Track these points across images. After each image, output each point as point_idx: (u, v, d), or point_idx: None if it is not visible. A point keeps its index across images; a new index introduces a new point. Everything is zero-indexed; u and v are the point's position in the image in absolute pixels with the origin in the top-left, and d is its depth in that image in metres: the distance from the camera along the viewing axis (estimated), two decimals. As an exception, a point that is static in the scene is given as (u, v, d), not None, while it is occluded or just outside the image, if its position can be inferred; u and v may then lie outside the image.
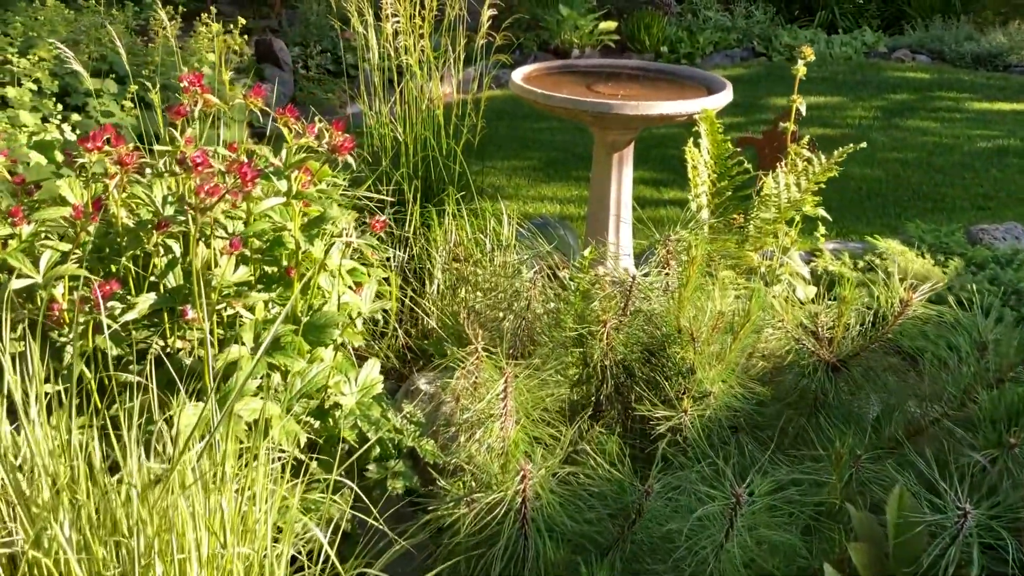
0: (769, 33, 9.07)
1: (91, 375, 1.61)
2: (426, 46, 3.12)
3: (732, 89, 3.29)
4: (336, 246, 1.77)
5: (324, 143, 1.72)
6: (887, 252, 3.36)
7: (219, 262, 1.64)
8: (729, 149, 2.78)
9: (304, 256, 1.74)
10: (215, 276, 1.60)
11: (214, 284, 1.58)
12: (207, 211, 1.51)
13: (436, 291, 2.93)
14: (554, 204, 4.88)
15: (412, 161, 3.14)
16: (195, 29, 5.71)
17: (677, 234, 2.13)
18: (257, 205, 1.64)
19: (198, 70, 5.51)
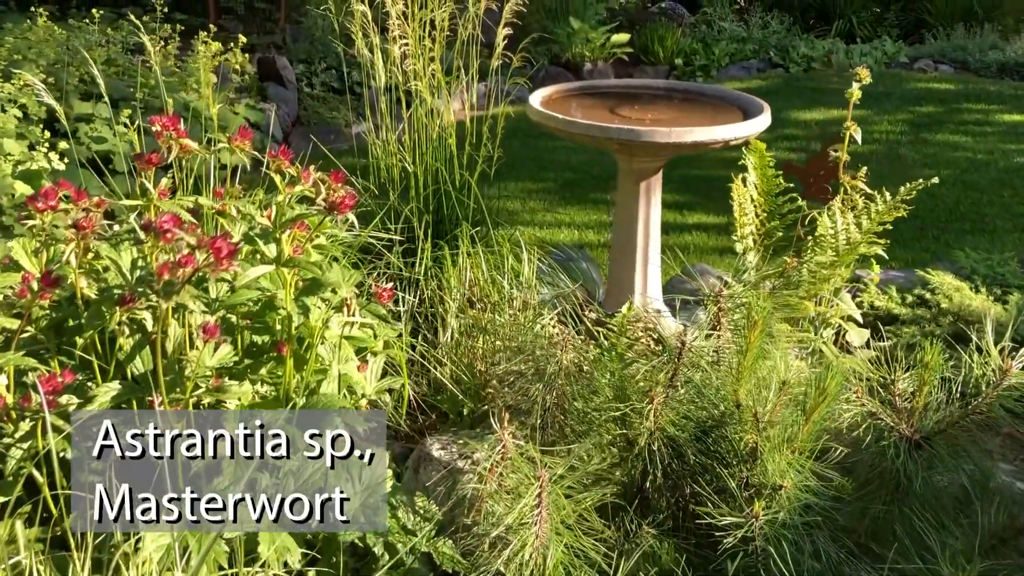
0: (786, 43, 8.80)
1: (43, 479, 1.35)
2: (437, 69, 2.86)
3: (769, 110, 3.02)
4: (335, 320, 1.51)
5: (321, 199, 1.46)
6: (940, 287, 3.08)
7: (195, 342, 1.38)
8: (780, 185, 2.50)
9: (299, 328, 1.48)
10: (190, 362, 1.34)
11: (188, 373, 1.32)
12: (174, 295, 1.24)
13: (450, 339, 2.66)
14: (572, 230, 4.61)
15: (423, 194, 2.87)
16: (193, 48, 5.47)
17: (730, 289, 1.86)
18: (240, 277, 1.38)
19: (196, 90, 5.26)
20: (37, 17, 5.35)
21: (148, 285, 1.26)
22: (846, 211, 2.34)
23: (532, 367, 1.95)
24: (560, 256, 3.29)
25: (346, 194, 1.46)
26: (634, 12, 9.62)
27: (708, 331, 1.85)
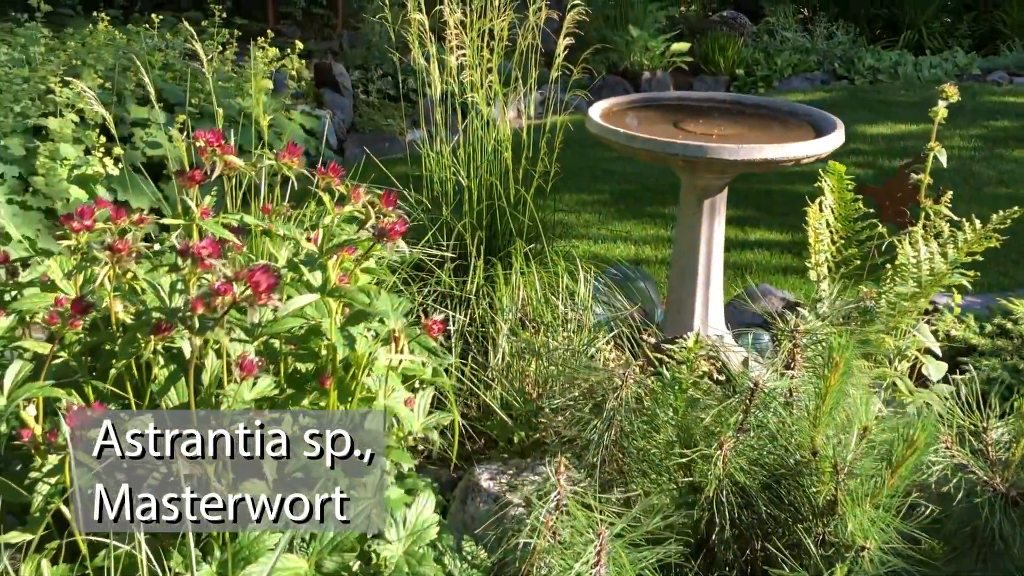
0: (851, 55, 8.55)
1: (71, 515, 1.28)
2: (494, 80, 2.76)
3: (843, 127, 2.86)
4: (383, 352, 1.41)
5: (371, 225, 1.37)
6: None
7: (234, 372, 1.29)
8: (859, 210, 2.35)
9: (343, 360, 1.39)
10: (226, 396, 1.26)
11: (224, 408, 1.23)
12: (207, 330, 1.16)
13: (500, 361, 2.55)
14: (627, 244, 4.47)
15: (476, 209, 2.77)
16: (249, 53, 5.46)
17: (806, 323, 1.72)
18: (283, 307, 1.29)
19: (252, 96, 5.24)
20: (99, 21, 5.39)
21: (181, 319, 1.18)
22: (929, 238, 2.18)
23: (588, 400, 1.83)
24: (616, 274, 3.16)
25: (397, 220, 1.37)
26: (695, 20, 9.45)
27: (781, 369, 1.72)
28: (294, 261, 1.37)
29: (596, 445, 1.76)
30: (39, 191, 3.69)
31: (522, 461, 2.30)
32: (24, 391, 1.21)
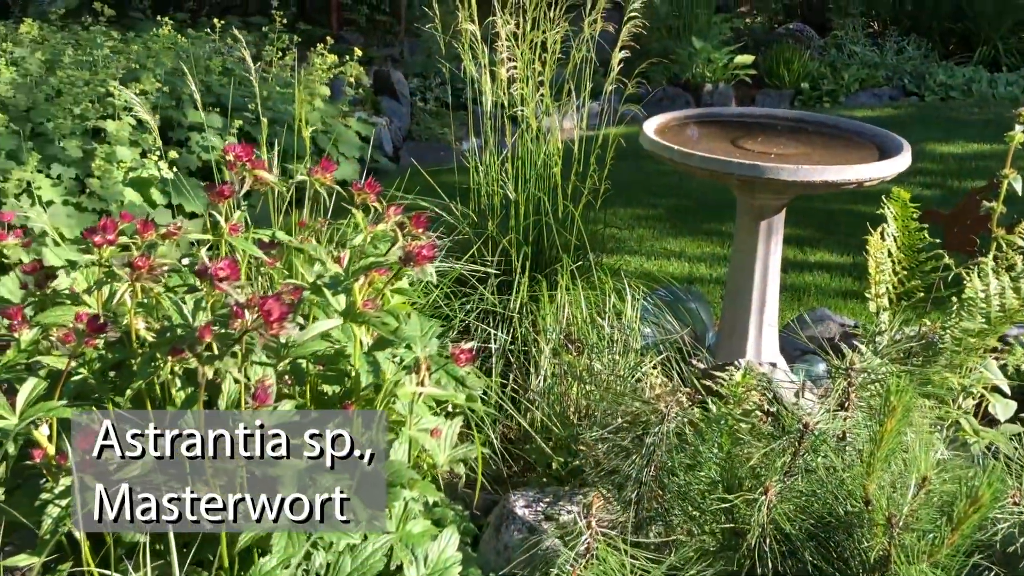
0: (922, 70, 8.29)
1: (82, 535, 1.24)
2: (545, 93, 2.69)
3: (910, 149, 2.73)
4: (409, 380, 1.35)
5: (398, 247, 1.31)
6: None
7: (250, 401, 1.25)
8: (924, 239, 2.23)
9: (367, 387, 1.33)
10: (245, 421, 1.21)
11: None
12: (216, 360, 1.11)
13: (542, 383, 2.48)
14: (681, 262, 4.36)
15: (523, 224, 2.70)
16: (309, 60, 5.49)
17: (862, 360, 1.61)
18: (306, 330, 1.23)
19: (309, 102, 5.26)
20: (163, 25, 5.46)
21: (189, 346, 1.13)
22: (1001, 271, 2.05)
23: (628, 432, 1.75)
24: (666, 294, 3.06)
25: (425, 244, 1.30)
26: (760, 33, 9.27)
27: (834, 409, 1.61)
28: (318, 284, 1.32)
29: (634, 481, 1.67)
30: (94, 193, 3.73)
31: (560, 489, 2.22)
32: (36, 410, 1.18)
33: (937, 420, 1.95)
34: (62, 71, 4.09)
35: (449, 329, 2.59)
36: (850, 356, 1.60)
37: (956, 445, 2.38)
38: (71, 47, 4.64)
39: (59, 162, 3.71)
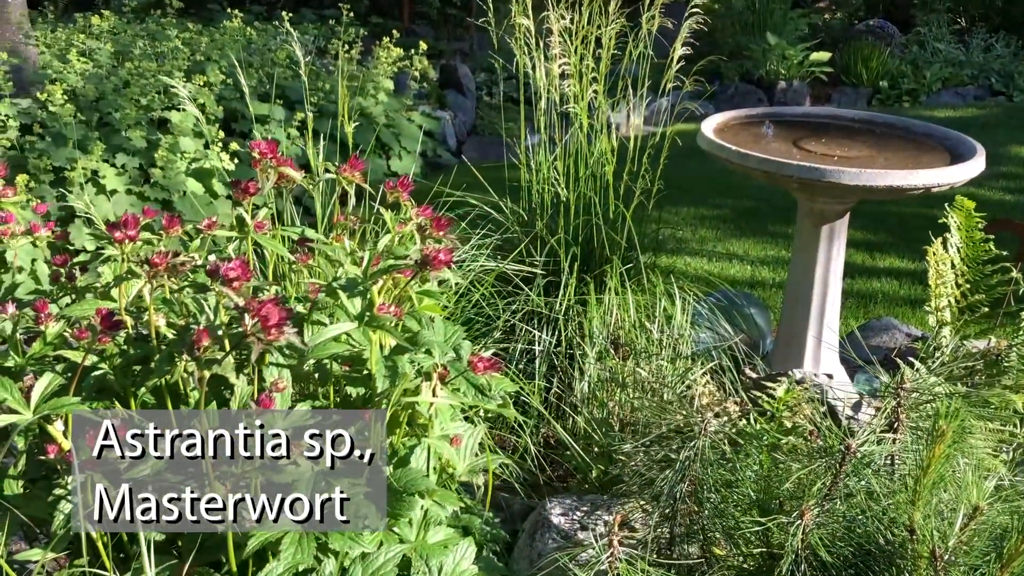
0: (1011, 69, 7.94)
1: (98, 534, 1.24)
2: (599, 90, 2.62)
3: (983, 153, 2.59)
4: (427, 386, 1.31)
5: (415, 251, 1.27)
6: None
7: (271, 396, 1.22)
8: (990, 252, 2.10)
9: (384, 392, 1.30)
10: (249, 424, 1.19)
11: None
12: (215, 365, 1.08)
13: (586, 387, 2.42)
14: (744, 265, 4.24)
15: (573, 224, 2.65)
16: (374, 54, 5.50)
17: (915, 380, 1.51)
18: (316, 335, 1.20)
19: (374, 96, 5.28)
20: (233, 18, 5.54)
21: (188, 350, 1.11)
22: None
23: (665, 444, 1.68)
24: (720, 299, 2.97)
25: (442, 248, 1.26)
26: (838, 29, 9.00)
27: (883, 428, 1.52)
28: (332, 286, 1.29)
29: (667, 497, 1.61)
30: (157, 183, 3.79)
31: (598, 497, 2.16)
32: (50, 406, 1.17)
33: (1000, 443, 1.84)
34: (132, 63, 4.17)
35: (494, 329, 2.55)
36: (901, 373, 1.50)
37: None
38: (142, 39, 4.74)
39: (124, 152, 3.79)
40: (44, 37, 5.32)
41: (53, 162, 3.57)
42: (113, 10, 8.61)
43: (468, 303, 2.51)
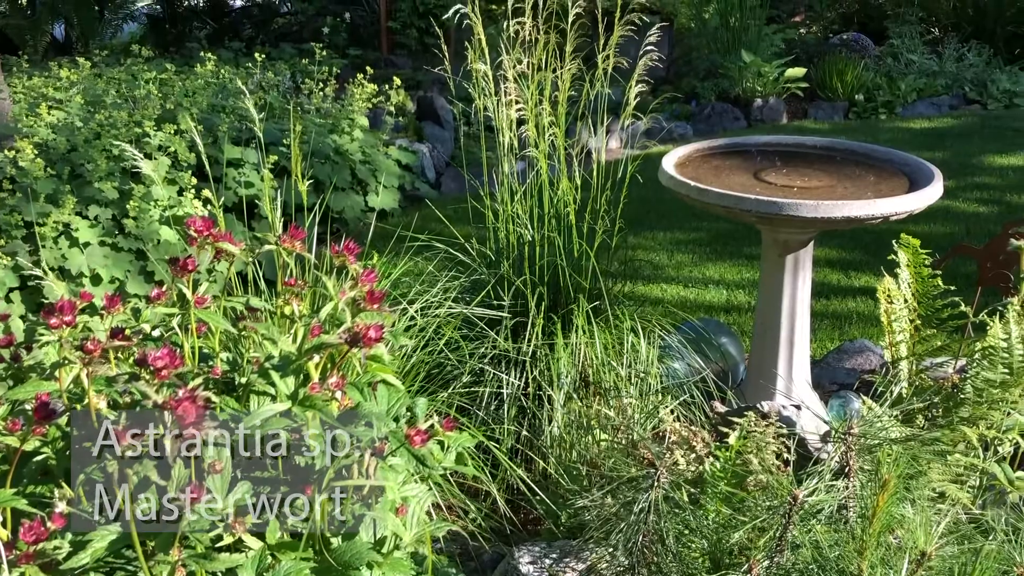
0: (984, 77, 8.00)
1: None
2: (557, 134, 2.64)
3: (942, 181, 2.61)
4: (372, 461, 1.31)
5: (344, 330, 1.27)
6: None
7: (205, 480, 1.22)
8: (938, 287, 2.12)
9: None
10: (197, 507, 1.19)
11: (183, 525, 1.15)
12: (136, 463, 1.08)
13: (555, 430, 2.42)
14: (720, 289, 4.26)
15: (538, 265, 2.66)
16: (347, 91, 5.53)
17: (868, 421, 1.52)
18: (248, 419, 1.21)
19: (348, 133, 5.30)
20: (207, 61, 5.57)
21: (110, 448, 1.12)
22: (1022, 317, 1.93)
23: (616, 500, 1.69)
24: (688, 332, 2.97)
25: (373, 324, 1.27)
26: (813, 44, 9.06)
27: (835, 473, 1.53)
28: (264, 368, 1.30)
29: (625, 546, 1.61)
30: (131, 233, 3.80)
31: (568, 543, 2.16)
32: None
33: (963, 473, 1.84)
34: (102, 112, 4.19)
35: (463, 373, 2.56)
36: (849, 419, 1.51)
37: (992, 495, 2.26)
38: (115, 87, 4.76)
39: (96, 203, 3.79)
40: (19, 86, 5.34)
41: (25, 217, 3.58)
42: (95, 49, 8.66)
43: (436, 347, 2.51)
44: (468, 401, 2.49)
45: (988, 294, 2.39)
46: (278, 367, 1.29)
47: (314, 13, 10.81)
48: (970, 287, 2.73)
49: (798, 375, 2.88)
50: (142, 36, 11.43)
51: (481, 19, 2.67)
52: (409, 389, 2.40)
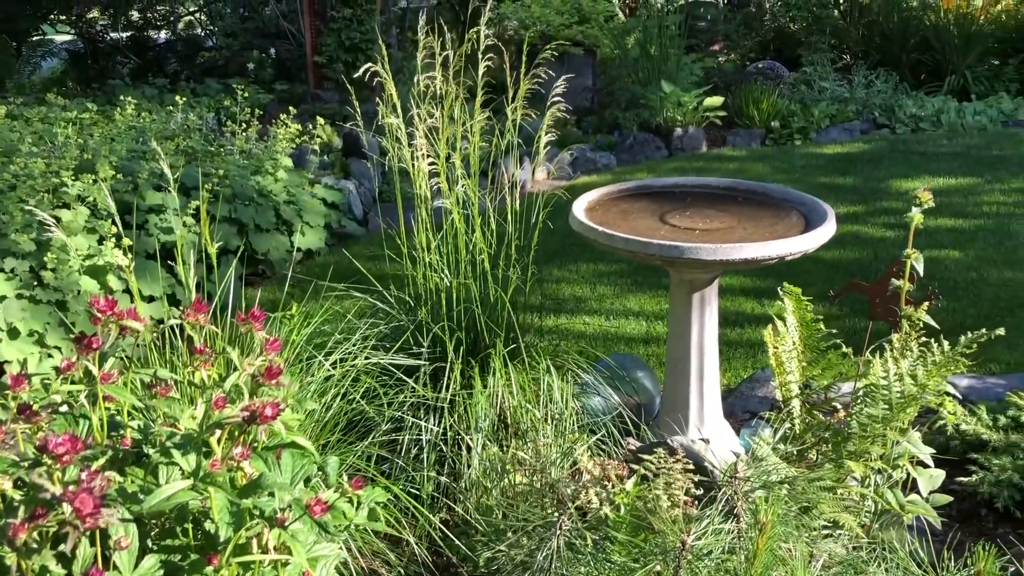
0: (892, 103, 8.36)
1: None
2: (469, 185, 2.73)
3: (834, 219, 2.76)
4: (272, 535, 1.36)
5: (241, 409, 1.33)
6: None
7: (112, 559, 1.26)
8: (821, 331, 2.25)
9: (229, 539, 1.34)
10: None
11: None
12: (34, 554, 1.12)
13: (474, 474, 2.49)
14: (640, 321, 4.38)
15: (456, 310, 2.73)
16: (270, 133, 5.56)
17: (753, 464, 1.63)
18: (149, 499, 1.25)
19: (272, 174, 5.32)
20: (127, 106, 5.54)
21: (8, 541, 1.15)
22: (903, 354, 2.06)
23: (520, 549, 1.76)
24: (603, 369, 3.08)
25: (269, 402, 1.33)
26: (731, 73, 9.36)
27: (723, 515, 1.62)
28: (167, 447, 1.34)
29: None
30: (49, 285, 3.77)
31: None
32: None
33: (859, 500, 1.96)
34: (17, 162, 4.15)
35: (383, 421, 2.61)
36: (734, 464, 1.61)
37: (889, 518, 2.39)
38: (30, 135, 4.71)
39: (13, 256, 3.76)
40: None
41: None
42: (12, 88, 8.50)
43: (355, 397, 2.56)
44: (388, 451, 2.54)
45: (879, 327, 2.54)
46: (179, 445, 1.34)
47: (240, 48, 10.77)
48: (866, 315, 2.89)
49: (709, 407, 2.99)
50: (63, 72, 11.27)
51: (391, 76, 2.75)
52: (328, 440, 2.44)
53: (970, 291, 4.59)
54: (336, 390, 2.52)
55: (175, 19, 12.50)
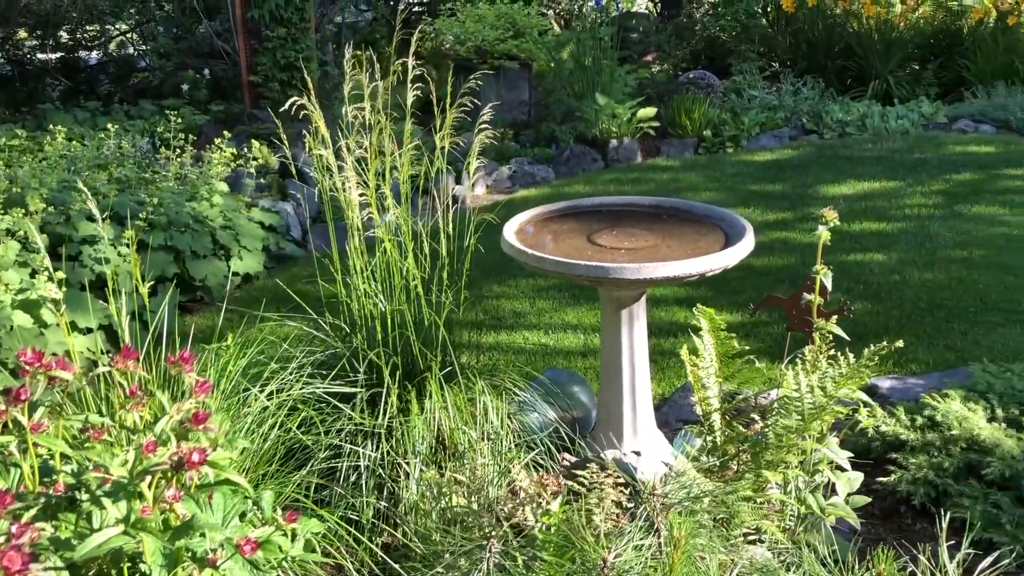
0: (819, 109, 8.61)
1: None
2: (402, 213, 2.79)
3: (753, 234, 2.88)
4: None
5: (169, 456, 1.37)
6: (946, 414, 2.87)
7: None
8: (735, 348, 2.36)
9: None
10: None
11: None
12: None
13: (412, 497, 2.54)
14: (578, 334, 4.47)
15: (391, 336, 2.78)
16: (205, 158, 5.54)
17: (665, 485, 1.71)
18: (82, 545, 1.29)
19: (207, 199, 5.30)
20: (58, 135, 5.48)
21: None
22: (815, 365, 2.18)
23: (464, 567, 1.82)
24: (538, 386, 3.15)
25: (196, 448, 1.37)
26: (663, 83, 9.55)
27: (645, 531, 1.71)
28: (96, 495, 1.38)
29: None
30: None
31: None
32: None
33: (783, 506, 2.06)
34: (-55, 198, 4.10)
35: (321, 449, 2.65)
36: (653, 482, 1.69)
37: (811, 521, 2.50)
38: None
39: (-59, 294, 3.71)
40: None
41: None
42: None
43: (292, 427, 2.59)
44: (327, 479, 2.58)
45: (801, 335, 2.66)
46: (110, 493, 1.38)
47: (173, 68, 10.65)
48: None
49: (642, 419, 3.08)
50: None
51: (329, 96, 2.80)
52: (267, 471, 2.48)
53: (893, 293, 4.77)
54: (273, 420, 2.55)
55: (106, 39, 12.30)
